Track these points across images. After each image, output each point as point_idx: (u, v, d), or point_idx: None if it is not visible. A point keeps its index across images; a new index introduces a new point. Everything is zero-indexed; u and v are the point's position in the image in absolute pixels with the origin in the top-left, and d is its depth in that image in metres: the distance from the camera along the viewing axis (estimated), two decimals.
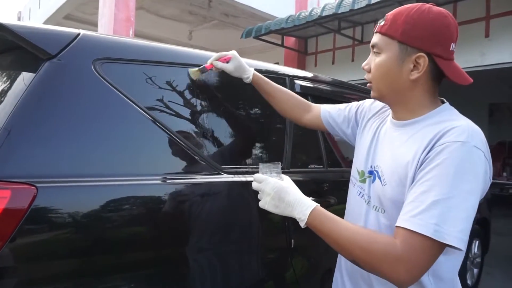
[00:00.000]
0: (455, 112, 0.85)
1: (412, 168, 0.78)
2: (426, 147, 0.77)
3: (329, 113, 1.18)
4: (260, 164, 0.95)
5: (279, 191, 0.86)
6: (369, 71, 0.90)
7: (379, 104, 1.05)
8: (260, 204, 0.89)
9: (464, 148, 0.73)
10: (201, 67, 1.24)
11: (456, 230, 0.70)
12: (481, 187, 0.75)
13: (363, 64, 0.91)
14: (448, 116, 0.83)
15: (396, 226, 0.75)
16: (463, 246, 0.70)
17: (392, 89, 0.87)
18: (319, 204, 0.84)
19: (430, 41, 0.80)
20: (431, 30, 0.80)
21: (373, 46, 0.88)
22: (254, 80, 1.26)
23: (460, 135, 0.74)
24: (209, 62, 1.24)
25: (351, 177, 1.02)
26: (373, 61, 0.88)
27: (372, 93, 0.92)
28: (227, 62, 1.23)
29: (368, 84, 0.92)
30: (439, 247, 0.72)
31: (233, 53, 1.25)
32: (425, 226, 0.70)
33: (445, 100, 0.89)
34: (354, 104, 1.14)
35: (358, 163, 0.98)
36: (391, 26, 0.83)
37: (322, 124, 1.20)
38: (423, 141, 0.79)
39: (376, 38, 0.87)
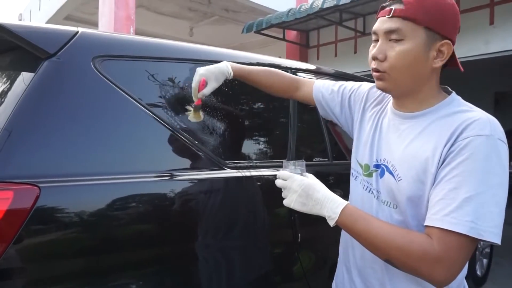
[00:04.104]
0: (464, 101, 0.83)
1: (433, 164, 0.75)
2: (447, 142, 0.74)
3: (322, 94, 1.10)
4: (284, 161, 0.90)
5: (307, 188, 0.81)
6: (383, 60, 0.81)
7: (377, 91, 0.98)
8: (285, 202, 0.84)
9: (490, 141, 0.72)
10: (194, 106, 1.13)
11: (491, 226, 0.69)
12: (508, 179, 0.74)
13: (376, 52, 0.81)
14: (459, 106, 0.80)
15: (428, 226, 0.73)
16: (499, 240, 0.69)
17: (413, 79, 0.80)
18: (349, 202, 0.81)
19: (451, 28, 0.78)
20: (451, 16, 0.78)
21: (390, 32, 0.78)
22: (236, 75, 1.13)
23: (483, 129, 0.73)
24: (194, 98, 1.11)
25: (351, 170, 0.99)
26: (390, 48, 0.79)
27: (382, 84, 0.83)
28: (206, 84, 1.09)
29: (378, 74, 0.82)
30: (474, 244, 0.71)
31: (200, 73, 1.08)
32: (460, 224, 0.69)
33: (449, 88, 0.86)
34: (348, 87, 1.06)
35: (360, 156, 0.95)
36: (417, 10, 0.76)
37: (315, 104, 1.13)
38: (442, 135, 0.76)
39: (395, 23, 0.77)
